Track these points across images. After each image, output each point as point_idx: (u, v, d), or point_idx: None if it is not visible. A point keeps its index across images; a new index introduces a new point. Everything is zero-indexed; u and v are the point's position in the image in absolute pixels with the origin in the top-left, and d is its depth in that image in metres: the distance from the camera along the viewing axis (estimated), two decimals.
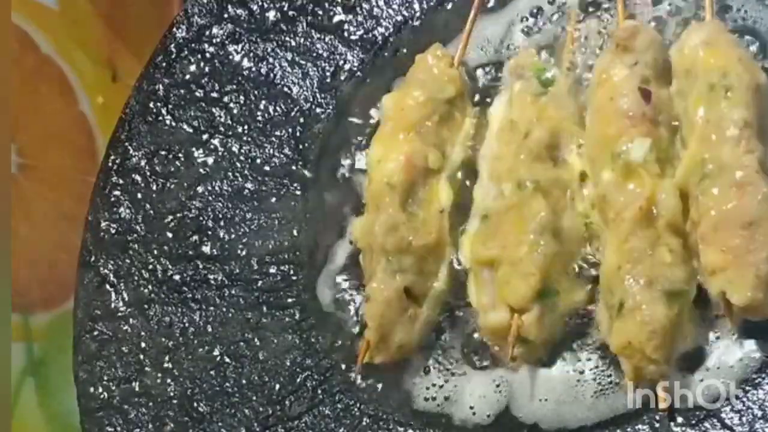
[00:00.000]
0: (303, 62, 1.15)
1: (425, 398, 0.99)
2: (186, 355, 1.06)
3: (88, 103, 1.31)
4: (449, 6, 1.13)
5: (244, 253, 1.09)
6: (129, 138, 1.16)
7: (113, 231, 1.12)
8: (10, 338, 1.13)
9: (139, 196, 1.13)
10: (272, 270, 1.08)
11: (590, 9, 1.08)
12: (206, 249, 1.10)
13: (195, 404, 1.03)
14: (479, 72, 1.10)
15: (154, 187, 1.13)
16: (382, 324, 0.97)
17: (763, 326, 0.91)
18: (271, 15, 1.17)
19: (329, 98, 1.14)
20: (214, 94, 1.16)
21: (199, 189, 1.12)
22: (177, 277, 1.09)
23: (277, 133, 1.13)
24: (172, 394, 1.04)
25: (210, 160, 1.13)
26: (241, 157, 1.13)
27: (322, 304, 1.06)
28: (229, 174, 1.13)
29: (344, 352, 1.03)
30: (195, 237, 1.11)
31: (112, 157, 1.15)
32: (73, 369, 1.08)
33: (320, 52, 1.15)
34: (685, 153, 0.95)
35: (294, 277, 1.07)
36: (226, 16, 1.18)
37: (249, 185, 1.12)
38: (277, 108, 1.14)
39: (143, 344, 1.07)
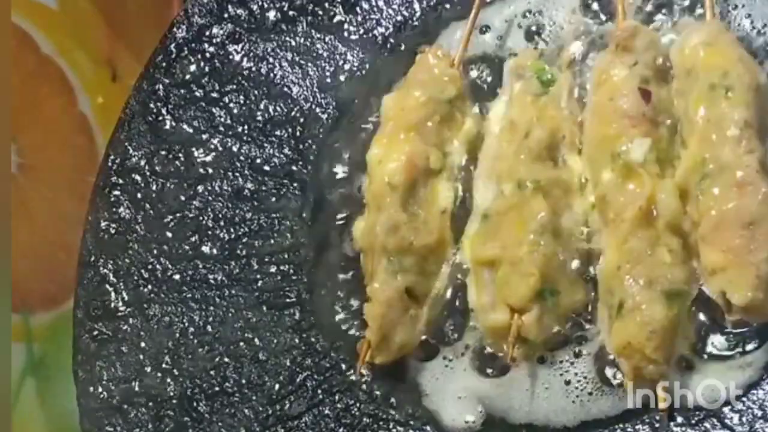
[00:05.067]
0: (303, 62, 1.15)
1: (425, 398, 0.99)
2: (186, 355, 1.06)
3: (88, 103, 1.30)
4: (449, 6, 1.13)
5: (244, 253, 1.09)
6: (129, 138, 1.16)
7: (113, 231, 1.12)
8: (10, 338, 1.13)
9: (139, 196, 1.13)
10: (272, 270, 1.08)
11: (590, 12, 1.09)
12: (206, 249, 1.10)
13: (195, 404, 1.03)
14: (479, 72, 1.10)
15: (154, 187, 1.13)
16: (383, 324, 0.97)
17: (763, 326, 0.91)
18: (271, 15, 1.17)
19: (329, 98, 1.14)
20: (214, 94, 1.16)
21: (199, 189, 1.12)
22: (177, 277, 1.09)
23: (277, 133, 1.13)
24: (172, 394, 1.04)
25: (210, 160, 1.13)
26: (241, 157, 1.13)
27: (323, 304, 1.06)
28: (229, 174, 1.12)
29: (344, 352, 1.03)
30: (195, 237, 1.10)
31: (112, 157, 1.15)
32: (73, 369, 1.07)
33: (320, 52, 1.15)
34: (685, 153, 0.95)
35: (294, 277, 1.07)
36: (226, 16, 1.18)
37: (249, 185, 1.12)
38: (277, 108, 1.14)
39: (143, 344, 1.07)
